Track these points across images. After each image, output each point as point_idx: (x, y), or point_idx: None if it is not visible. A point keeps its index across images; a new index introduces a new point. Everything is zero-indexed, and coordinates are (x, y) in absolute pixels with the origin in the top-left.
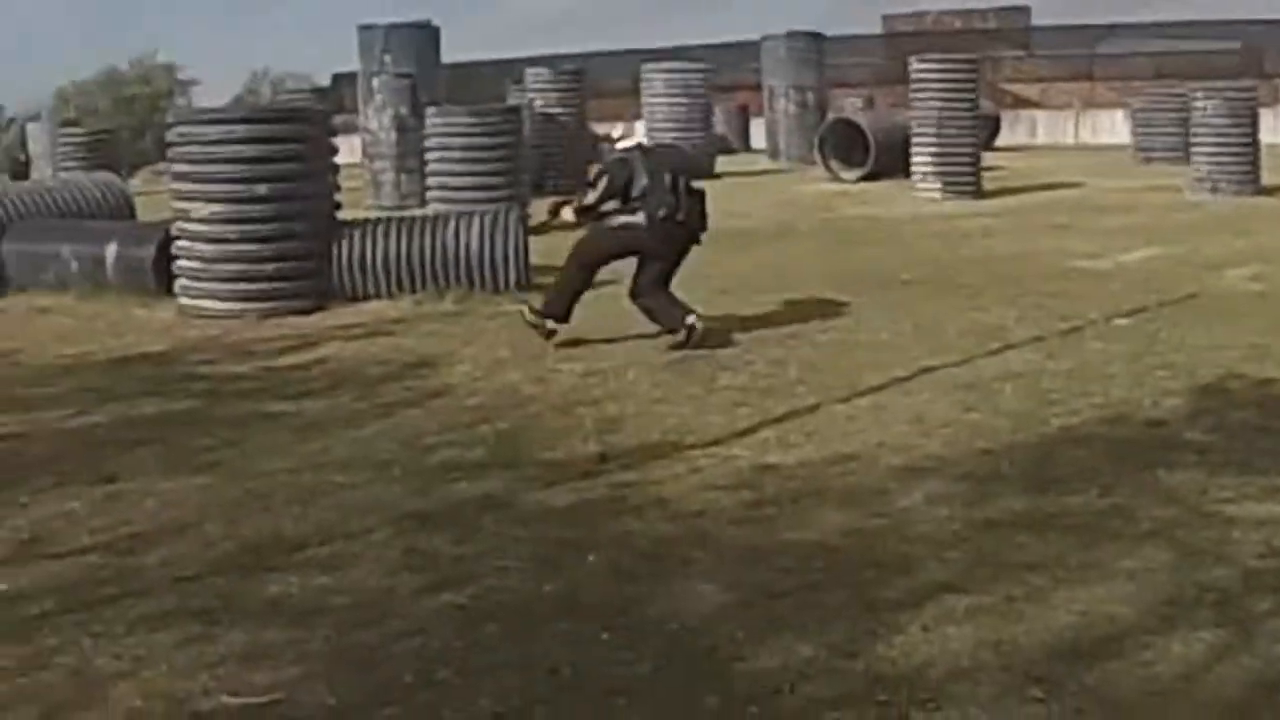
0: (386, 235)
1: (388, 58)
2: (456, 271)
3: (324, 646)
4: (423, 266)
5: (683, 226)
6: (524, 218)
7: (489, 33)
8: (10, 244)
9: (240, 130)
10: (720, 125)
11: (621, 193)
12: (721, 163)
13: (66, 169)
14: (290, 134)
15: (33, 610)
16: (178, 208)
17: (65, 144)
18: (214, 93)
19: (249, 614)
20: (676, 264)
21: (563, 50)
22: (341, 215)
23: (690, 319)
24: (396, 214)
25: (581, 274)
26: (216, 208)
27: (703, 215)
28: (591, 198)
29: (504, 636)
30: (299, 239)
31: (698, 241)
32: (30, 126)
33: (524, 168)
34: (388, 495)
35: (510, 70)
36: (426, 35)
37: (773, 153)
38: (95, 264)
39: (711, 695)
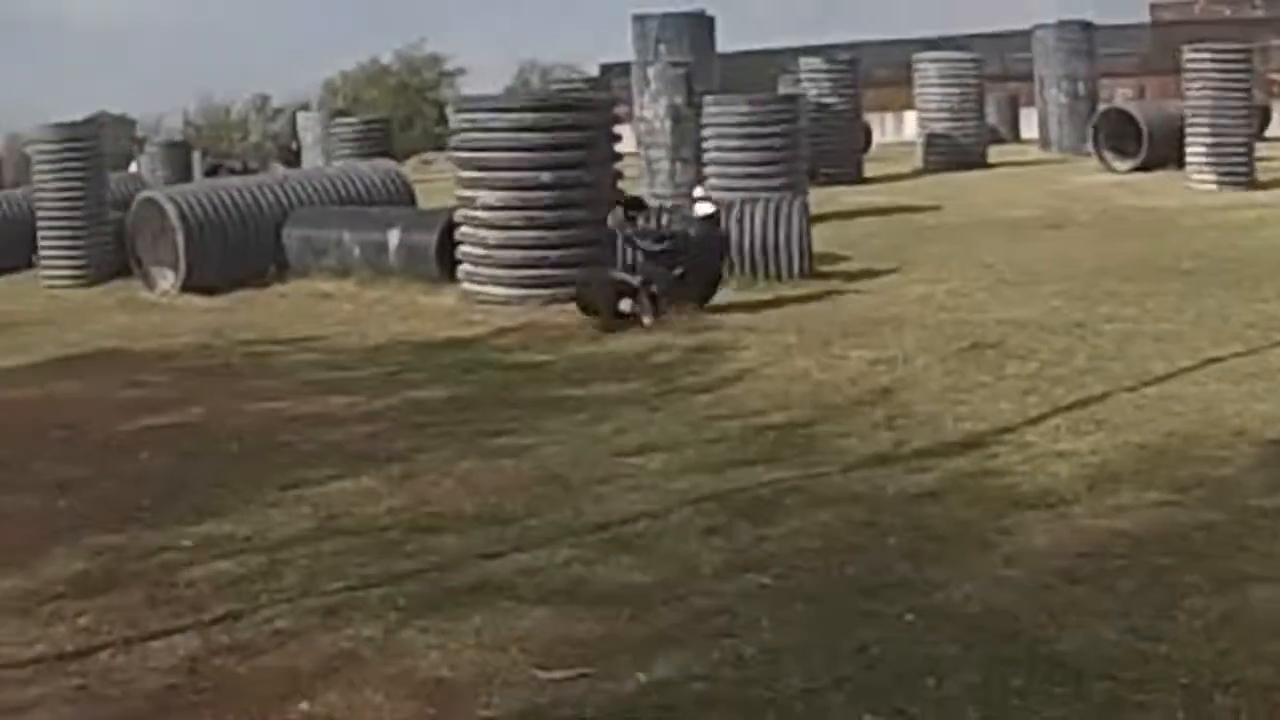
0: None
1: (663, 46)
2: (740, 258)
3: (630, 624)
4: None
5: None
6: (806, 206)
7: (758, 22)
8: (292, 229)
9: (527, 119)
10: (990, 115)
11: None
12: (994, 153)
13: (341, 157)
14: (575, 122)
15: (336, 584)
16: (461, 195)
17: (339, 133)
18: (479, 83)
19: (553, 591)
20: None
21: (833, 39)
22: None
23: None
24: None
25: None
26: (501, 195)
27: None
28: (652, 247)
29: (809, 616)
30: (583, 226)
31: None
32: (301, 116)
33: (801, 156)
34: (685, 478)
35: (783, 59)
36: (701, 24)
37: (1044, 142)
38: (377, 250)
39: (1017, 677)
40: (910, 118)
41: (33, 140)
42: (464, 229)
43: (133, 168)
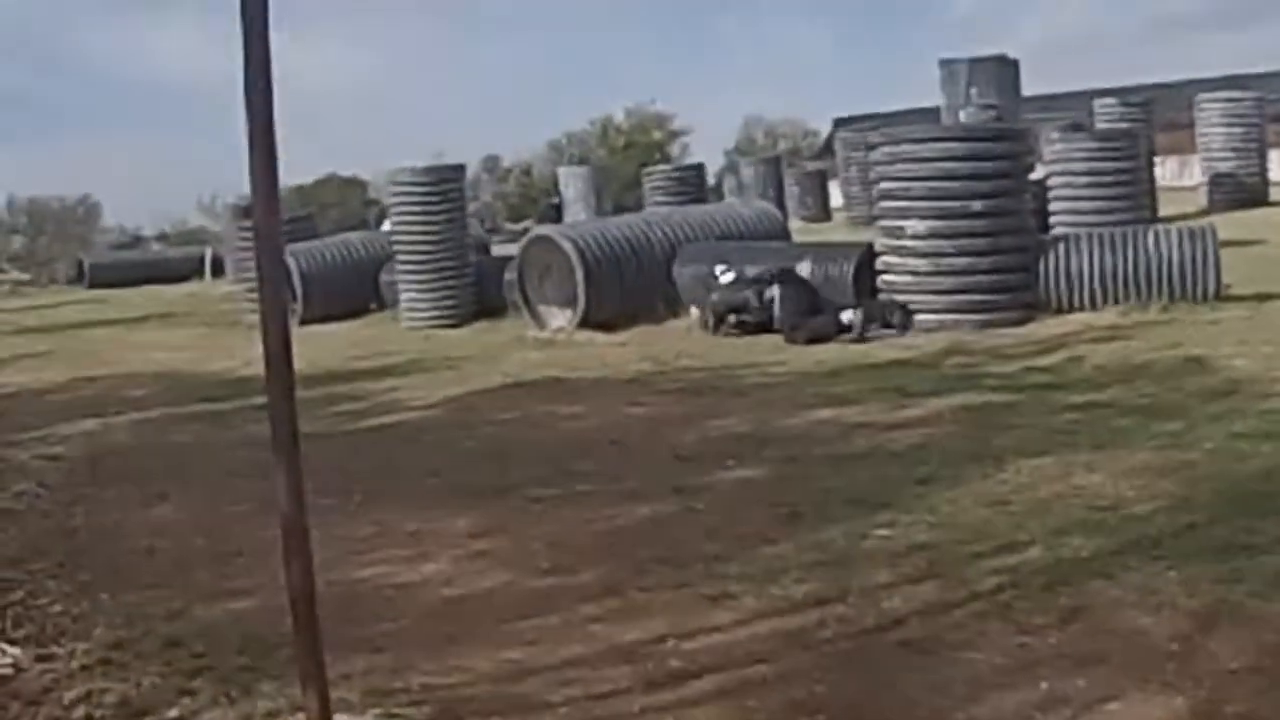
0: (1090, 249)
1: (974, 90)
2: (1157, 283)
3: None
4: (1125, 278)
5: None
6: (1215, 231)
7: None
8: (684, 265)
9: (955, 148)
10: None
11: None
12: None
13: (655, 204)
14: (1001, 151)
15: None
16: (886, 225)
17: (651, 181)
18: (703, 140)
19: None
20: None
21: (1126, 82)
22: None
23: None
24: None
25: None
26: (931, 224)
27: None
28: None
29: None
30: (1010, 253)
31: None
32: (562, 171)
33: (1144, 190)
34: None
35: (1079, 101)
36: (1008, 68)
37: None
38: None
39: None
40: (1170, 161)
41: (396, 183)
42: (888, 258)
43: (385, 226)
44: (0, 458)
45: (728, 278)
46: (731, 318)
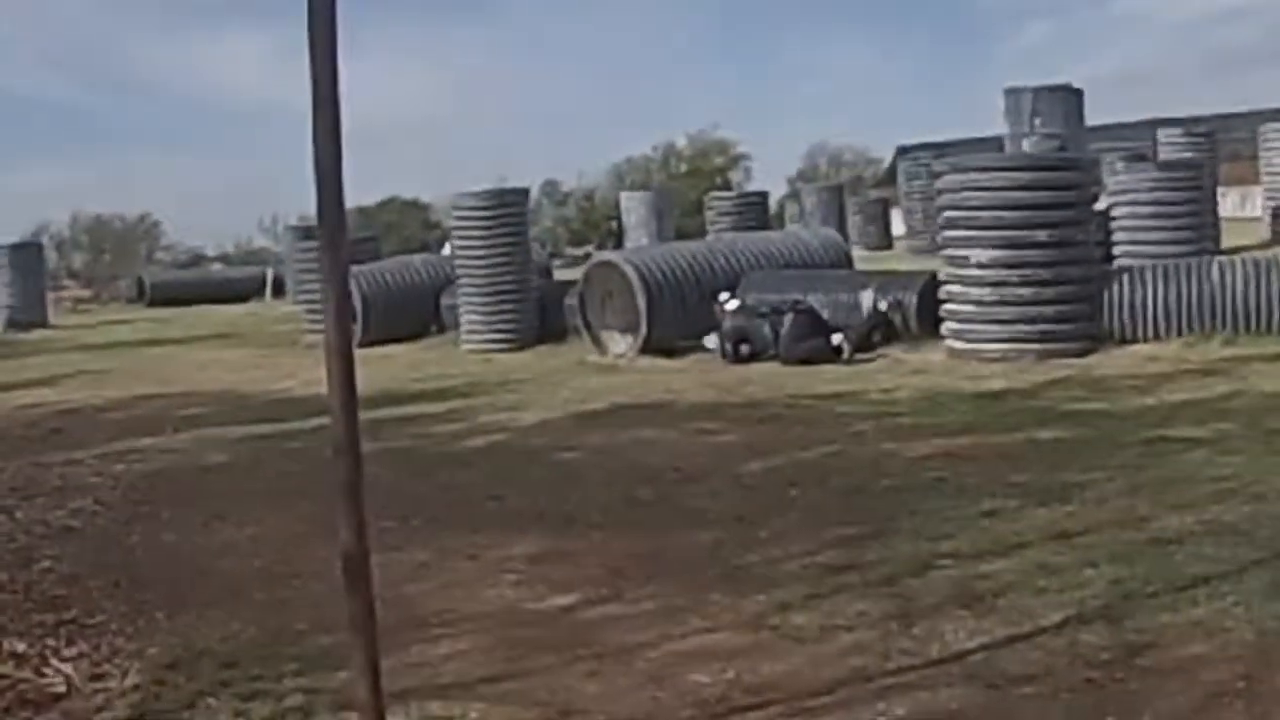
0: (1154, 280)
1: (1038, 120)
2: (1222, 315)
3: None
4: (1189, 310)
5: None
6: None
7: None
8: (746, 293)
9: (1022, 177)
10: None
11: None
12: None
13: (718, 230)
14: (1067, 182)
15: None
16: (950, 254)
17: (716, 206)
18: (768, 168)
19: None
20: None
21: (1189, 113)
22: None
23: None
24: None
25: None
26: (996, 254)
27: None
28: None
29: None
30: (1076, 283)
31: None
32: (624, 196)
33: (1209, 222)
34: None
35: (1141, 131)
36: (1072, 97)
37: None
38: (848, 311)
39: None
40: (1232, 193)
41: (458, 206)
42: (953, 287)
43: (445, 249)
44: (59, 474)
45: (732, 305)
46: (744, 348)
